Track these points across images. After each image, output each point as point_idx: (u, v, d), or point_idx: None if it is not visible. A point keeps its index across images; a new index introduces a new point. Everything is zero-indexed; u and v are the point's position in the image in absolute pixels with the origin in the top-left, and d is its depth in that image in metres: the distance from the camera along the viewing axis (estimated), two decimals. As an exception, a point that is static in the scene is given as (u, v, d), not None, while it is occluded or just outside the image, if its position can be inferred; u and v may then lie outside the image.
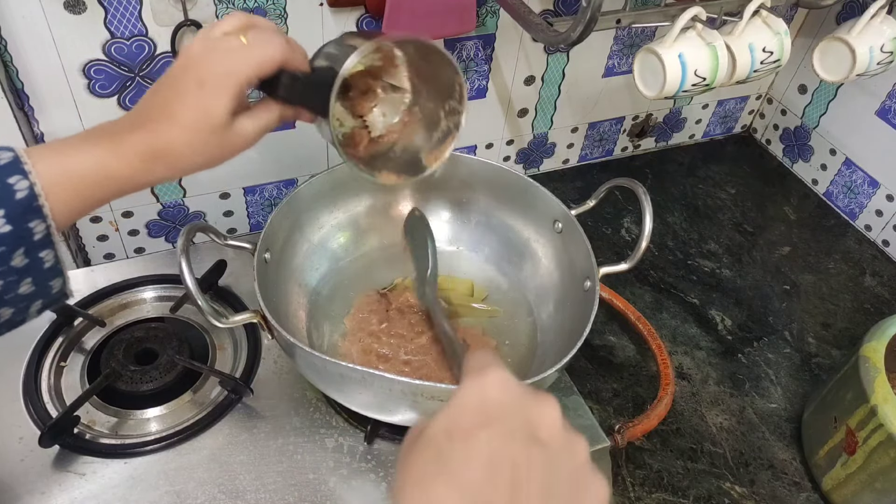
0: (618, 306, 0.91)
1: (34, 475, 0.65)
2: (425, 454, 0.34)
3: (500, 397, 0.35)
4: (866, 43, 0.86)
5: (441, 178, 0.83)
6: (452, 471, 0.33)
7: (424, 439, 0.35)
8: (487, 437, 0.33)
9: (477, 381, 0.36)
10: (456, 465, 0.33)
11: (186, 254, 0.56)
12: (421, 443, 0.35)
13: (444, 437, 0.34)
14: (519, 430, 0.34)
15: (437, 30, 0.81)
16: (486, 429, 0.34)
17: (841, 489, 0.74)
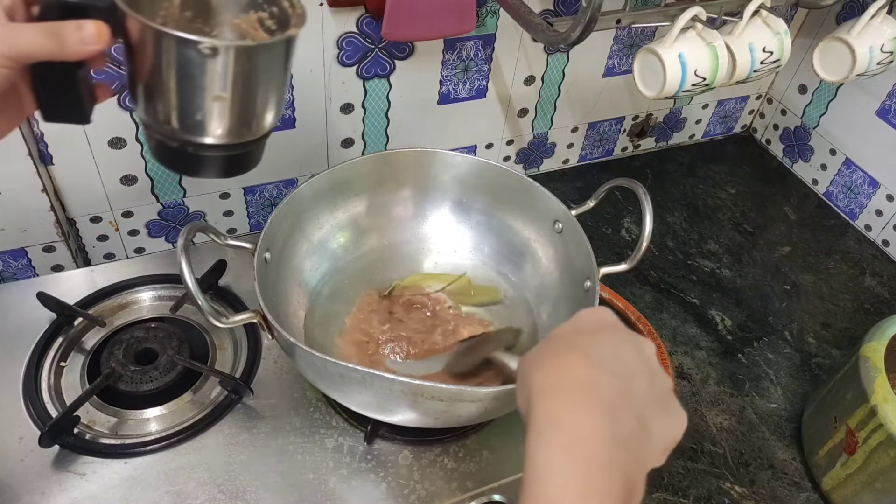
0: (618, 306, 0.91)
1: (34, 475, 0.65)
2: (553, 342, 0.42)
3: (613, 318, 0.44)
4: (866, 43, 0.86)
5: (441, 178, 0.83)
6: (582, 347, 0.40)
7: (551, 337, 0.43)
8: (608, 336, 0.42)
9: (594, 309, 0.45)
10: (584, 345, 0.41)
11: (186, 254, 0.56)
12: (547, 339, 0.42)
13: (573, 333, 0.42)
14: (630, 341, 0.42)
15: (437, 30, 0.81)
16: (606, 331, 0.42)
17: (841, 489, 0.74)
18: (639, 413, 0.39)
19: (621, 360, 0.40)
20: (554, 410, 0.37)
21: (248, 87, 0.46)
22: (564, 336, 0.42)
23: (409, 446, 0.71)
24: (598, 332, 0.42)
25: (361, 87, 0.89)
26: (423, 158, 0.81)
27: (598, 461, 0.35)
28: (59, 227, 0.84)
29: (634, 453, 0.38)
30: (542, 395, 0.38)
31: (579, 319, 0.44)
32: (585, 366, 0.39)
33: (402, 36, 0.81)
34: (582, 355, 0.39)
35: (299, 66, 0.82)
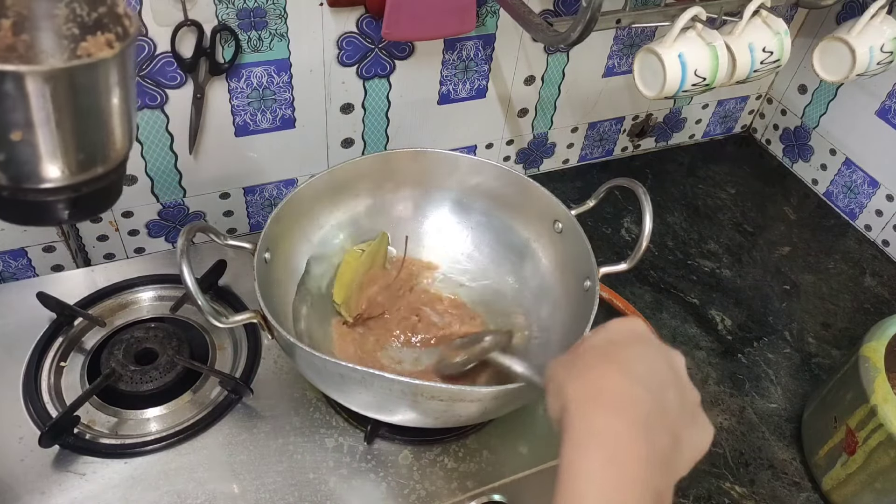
0: (618, 306, 0.91)
1: (34, 475, 0.65)
2: (589, 353, 0.42)
3: (646, 331, 0.45)
4: (866, 43, 0.86)
5: (441, 178, 0.83)
6: (618, 360, 0.41)
7: (585, 347, 0.43)
8: (641, 350, 0.42)
9: (627, 318, 0.46)
10: (620, 358, 0.41)
11: (186, 254, 0.56)
12: (582, 350, 0.43)
13: (606, 344, 0.43)
14: (662, 354, 0.43)
15: (437, 30, 0.81)
16: (639, 345, 0.43)
17: (841, 489, 0.74)
18: (671, 429, 0.39)
19: (655, 374, 0.41)
20: (594, 423, 0.38)
21: (64, 117, 0.40)
22: (599, 347, 0.42)
23: (409, 446, 0.71)
24: (633, 344, 0.43)
25: (361, 87, 0.89)
26: (423, 158, 0.81)
27: (635, 479, 0.36)
28: (59, 227, 0.84)
29: (665, 468, 0.38)
30: (581, 407, 0.39)
31: (612, 331, 0.44)
32: (623, 380, 0.39)
33: (402, 36, 0.81)
34: (619, 369, 0.40)
35: (299, 66, 0.83)
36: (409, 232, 0.85)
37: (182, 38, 0.75)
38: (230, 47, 0.77)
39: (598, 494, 0.36)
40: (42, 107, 0.39)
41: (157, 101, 0.79)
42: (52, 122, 0.40)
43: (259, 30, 0.78)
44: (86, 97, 0.41)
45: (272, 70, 0.82)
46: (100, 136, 0.43)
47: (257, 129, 0.87)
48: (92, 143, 0.43)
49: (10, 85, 0.38)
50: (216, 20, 0.75)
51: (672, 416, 0.40)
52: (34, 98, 0.39)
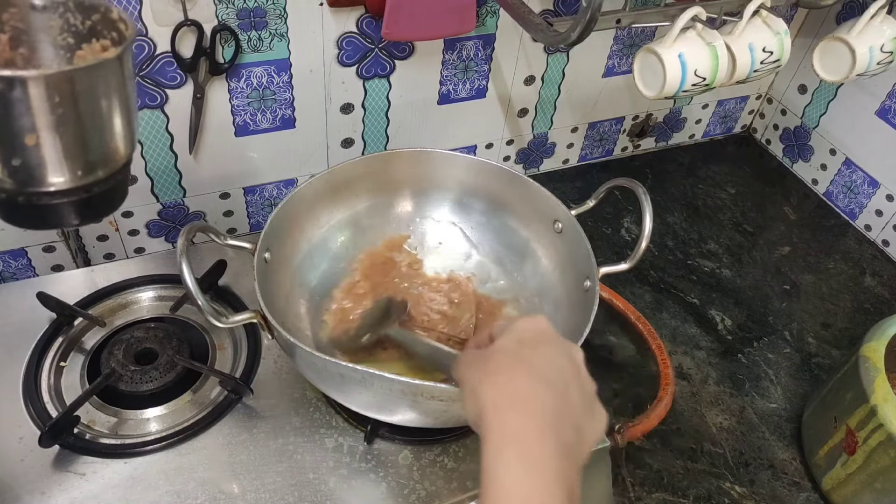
0: (618, 306, 0.91)
1: (34, 475, 0.65)
2: (500, 355, 0.45)
3: (550, 329, 0.48)
4: (866, 43, 0.86)
5: (441, 178, 0.83)
6: (529, 363, 0.44)
7: (495, 348, 0.46)
8: (547, 349, 0.46)
9: (530, 318, 0.49)
10: (528, 360, 0.44)
11: (186, 254, 0.56)
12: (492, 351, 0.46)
13: (515, 345, 0.46)
14: (564, 351, 0.46)
15: (438, 30, 0.81)
16: (545, 344, 0.46)
17: (841, 489, 0.74)
18: (575, 422, 0.43)
19: (559, 372, 0.44)
20: (509, 428, 0.41)
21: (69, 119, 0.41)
22: (508, 349, 0.46)
23: (409, 446, 0.71)
24: (539, 344, 0.46)
25: (361, 87, 0.89)
26: (423, 158, 0.81)
27: (551, 472, 0.39)
28: (60, 227, 0.84)
29: (573, 459, 0.42)
30: (497, 411, 0.42)
31: (520, 330, 0.47)
32: (532, 382, 0.43)
33: (402, 36, 0.81)
34: (528, 371, 0.43)
35: (299, 66, 0.83)
36: (409, 232, 0.85)
37: (182, 38, 0.75)
38: (230, 47, 0.77)
39: (521, 490, 0.39)
40: (47, 111, 0.40)
41: (157, 101, 0.79)
42: (57, 126, 0.40)
43: (259, 30, 0.78)
44: (88, 100, 0.42)
45: (272, 70, 0.82)
46: (105, 137, 0.44)
47: (257, 129, 0.87)
48: (97, 145, 0.43)
49: (16, 91, 0.39)
50: (216, 20, 0.75)
51: (574, 409, 0.44)
52: (39, 102, 0.39)
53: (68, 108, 0.41)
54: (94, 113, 0.43)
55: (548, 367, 0.44)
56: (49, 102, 0.40)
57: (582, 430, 0.43)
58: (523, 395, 0.42)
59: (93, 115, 0.43)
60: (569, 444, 0.42)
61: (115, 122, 0.44)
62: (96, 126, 0.43)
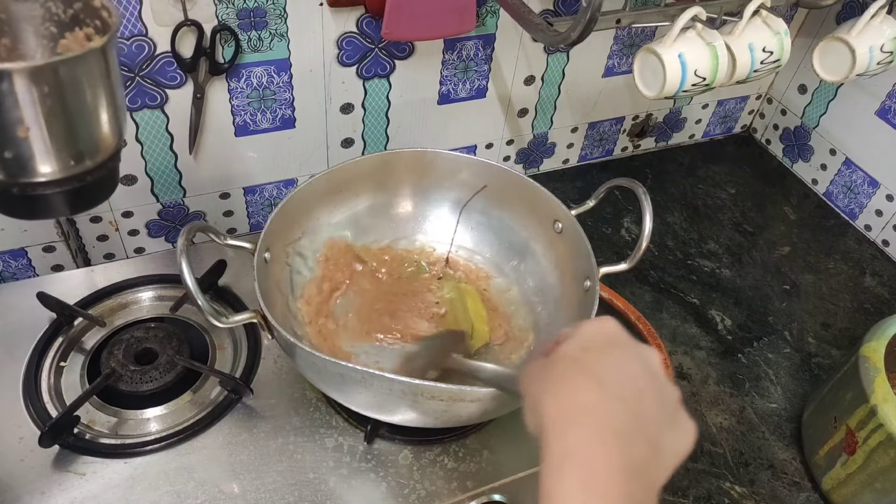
0: (618, 306, 0.91)
1: (34, 475, 0.65)
2: (562, 363, 0.41)
3: (619, 332, 0.44)
4: (866, 43, 0.86)
5: (441, 178, 0.83)
6: (590, 371, 0.40)
7: (558, 356, 0.42)
8: (616, 355, 0.41)
9: (599, 320, 0.45)
10: (593, 367, 0.40)
11: (186, 254, 0.56)
12: (554, 359, 0.42)
13: (579, 352, 0.42)
14: (637, 356, 0.42)
15: (437, 30, 0.81)
16: (613, 349, 0.42)
17: (841, 489, 0.74)
18: (650, 436, 0.39)
19: (629, 381, 0.40)
20: (569, 444, 0.37)
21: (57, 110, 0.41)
22: (571, 356, 0.41)
23: (409, 446, 0.71)
24: (606, 350, 0.42)
25: (361, 87, 0.89)
26: (423, 158, 0.81)
27: (616, 494, 0.36)
28: (59, 226, 0.84)
29: (646, 478, 0.38)
30: (557, 426, 0.38)
31: (585, 336, 0.43)
32: (597, 393, 0.38)
33: (402, 36, 0.81)
34: (593, 381, 0.39)
35: (299, 65, 0.83)
36: (409, 232, 0.85)
37: (182, 38, 0.75)
38: (230, 47, 0.77)
39: None
40: (36, 102, 0.40)
41: (157, 101, 0.79)
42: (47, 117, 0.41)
43: (259, 30, 0.78)
44: (76, 90, 0.42)
45: (272, 70, 0.82)
46: (94, 126, 0.44)
47: (257, 129, 0.87)
48: (88, 135, 0.44)
49: (4, 84, 0.39)
50: (216, 20, 0.75)
51: (649, 422, 0.39)
52: (28, 94, 0.40)
53: (57, 99, 0.41)
54: (82, 102, 0.43)
55: (616, 375, 0.40)
56: (38, 94, 0.40)
57: (659, 445, 0.39)
58: (587, 408, 0.38)
59: (81, 104, 0.43)
60: (641, 462, 0.37)
61: (104, 110, 0.44)
62: (85, 115, 0.43)
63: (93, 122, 0.44)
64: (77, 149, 0.44)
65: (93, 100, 0.44)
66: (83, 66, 0.43)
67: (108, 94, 0.45)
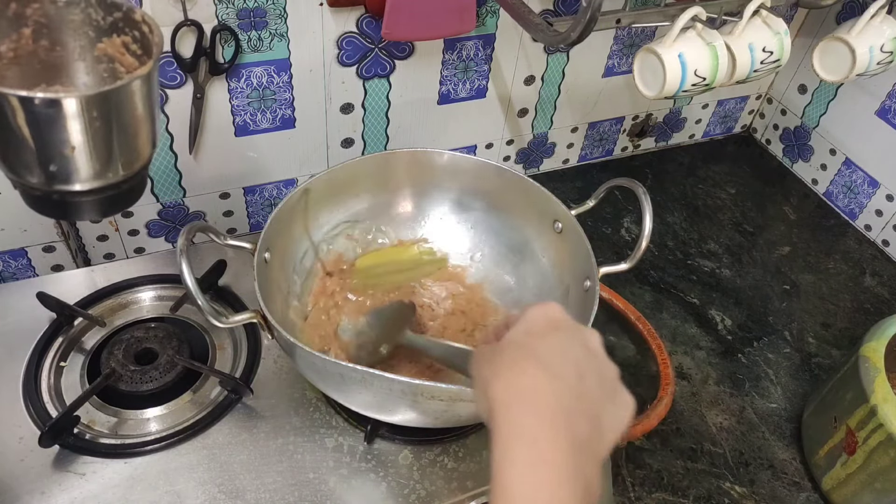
0: (618, 306, 0.91)
1: (34, 475, 0.65)
2: (509, 348, 0.43)
3: (561, 315, 0.46)
4: (866, 43, 0.86)
5: (441, 178, 0.83)
6: (536, 356, 0.42)
7: (505, 342, 0.44)
8: (558, 338, 0.43)
9: (542, 305, 0.46)
10: (537, 351, 0.42)
11: (186, 254, 0.56)
12: (502, 344, 0.44)
13: (524, 337, 0.44)
14: (577, 338, 0.44)
15: (437, 30, 0.81)
16: (555, 332, 0.44)
17: (841, 489, 0.74)
18: (592, 413, 0.41)
19: (572, 361, 0.42)
20: (518, 424, 0.39)
21: (103, 131, 0.44)
22: (517, 341, 0.44)
23: (409, 446, 0.71)
24: (549, 333, 0.44)
25: (361, 87, 0.89)
26: (423, 158, 0.81)
27: (562, 470, 0.38)
28: (59, 227, 0.84)
29: (590, 453, 0.40)
30: (504, 409, 0.40)
31: (530, 320, 0.45)
32: (542, 375, 0.40)
33: (402, 36, 0.81)
34: (538, 364, 0.41)
35: (299, 65, 0.83)
36: (409, 232, 0.85)
37: (182, 38, 0.75)
38: (230, 47, 0.77)
39: (529, 491, 0.37)
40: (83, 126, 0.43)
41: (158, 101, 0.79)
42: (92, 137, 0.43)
43: (259, 30, 0.78)
44: (120, 113, 0.44)
45: (272, 70, 0.82)
46: (133, 141, 0.46)
47: (257, 129, 0.87)
48: (126, 149, 0.46)
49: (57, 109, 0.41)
50: (216, 20, 0.75)
51: (591, 399, 0.41)
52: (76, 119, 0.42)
53: (103, 122, 0.43)
54: (126, 123, 0.45)
55: (557, 356, 0.42)
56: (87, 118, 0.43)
57: (601, 421, 0.41)
58: (531, 390, 0.40)
59: (125, 124, 0.45)
60: (584, 438, 0.40)
61: (144, 126, 0.47)
62: (128, 133, 0.46)
63: (133, 137, 0.46)
64: (117, 162, 0.46)
65: (135, 119, 0.46)
66: (129, 92, 0.45)
67: (148, 112, 0.47)
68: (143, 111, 0.46)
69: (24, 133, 0.42)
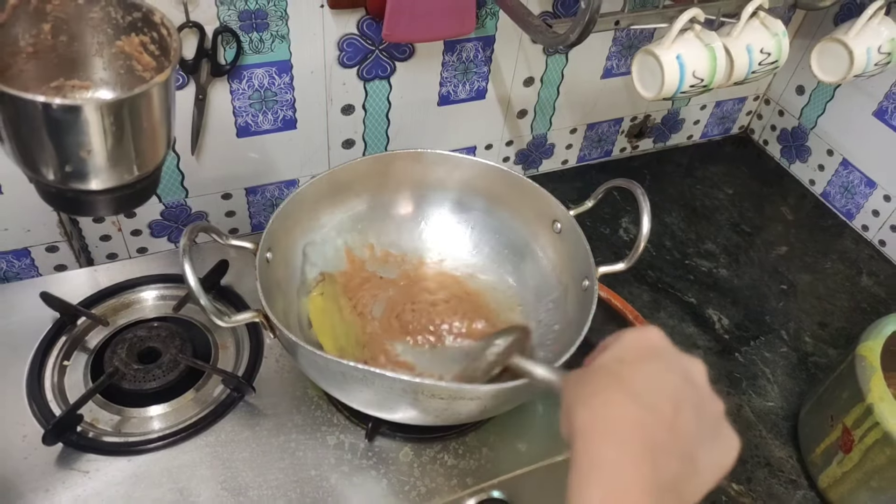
0: (616, 306, 0.91)
1: (38, 473, 0.65)
2: (598, 375, 0.40)
3: (661, 342, 0.42)
4: (864, 44, 0.87)
5: (441, 179, 0.83)
6: (625, 384, 0.39)
7: (595, 367, 0.41)
8: (654, 366, 0.40)
9: (640, 329, 0.43)
10: (628, 380, 0.39)
11: (189, 254, 0.57)
12: (592, 369, 0.41)
13: (616, 364, 0.41)
14: (676, 369, 0.41)
15: (437, 31, 0.82)
16: (651, 361, 0.40)
17: (837, 487, 0.75)
18: (685, 451, 0.38)
19: (667, 394, 0.39)
20: (597, 455, 0.36)
21: (120, 135, 0.44)
22: (608, 367, 0.41)
23: (410, 443, 0.71)
24: (644, 361, 0.41)
25: (362, 89, 0.89)
26: (423, 159, 0.82)
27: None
28: (62, 227, 0.84)
29: (679, 494, 0.37)
30: (585, 438, 0.37)
31: (624, 346, 0.42)
32: (630, 406, 0.38)
33: (403, 37, 0.81)
34: (626, 393, 0.38)
35: (300, 67, 0.83)
36: (410, 232, 0.86)
37: (184, 40, 0.75)
38: (232, 49, 0.78)
39: None
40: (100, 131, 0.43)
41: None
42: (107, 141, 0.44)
43: (260, 31, 0.78)
44: (136, 118, 0.45)
45: (273, 71, 0.82)
46: (148, 144, 0.47)
47: (259, 130, 0.87)
48: (142, 151, 0.47)
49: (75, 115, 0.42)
50: (218, 22, 0.75)
51: (686, 436, 0.38)
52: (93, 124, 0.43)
53: (120, 127, 0.44)
54: (141, 127, 0.46)
55: (652, 387, 0.39)
56: (104, 124, 0.43)
57: (696, 460, 0.38)
58: (617, 420, 0.37)
59: (141, 129, 0.46)
60: (673, 477, 0.36)
61: (159, 129, 0.47)
62: (143, 137, 0.46)
63: (149, 140, 0.47)
64: (132, 163, 0.47)
65: (151, 123, 0.47)
66: (147, 98, 0.45)
67: (164, 116, 0.47)
68: (159, 116, 0.47)
69: (42, 135, 0.43)
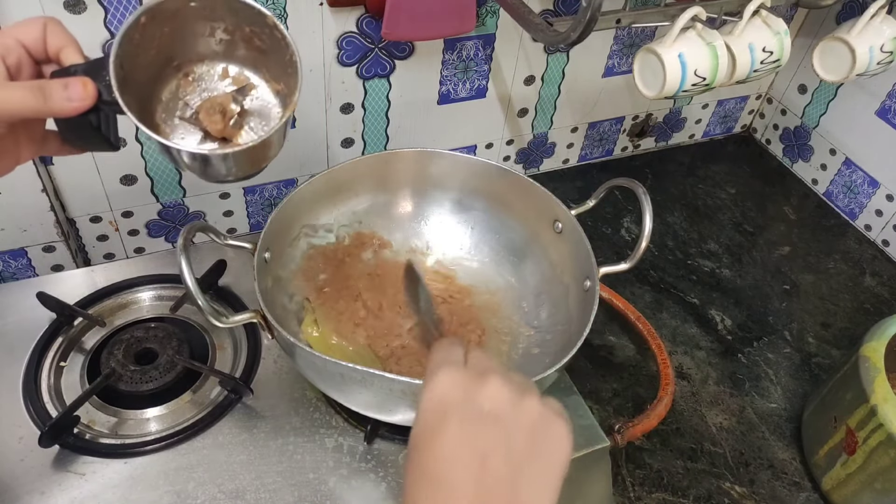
0: (618, 306, 0.91)
1: (34, 475, 0.65)
2: (412, 462, 0.39)
3: (447, 393, 0.40)
4: (866, 43, 0.86)
5: (441, 178, 0.83)
6: (426, 472, 0.38)
7: (409, 447, 0.40)
8: (448, 432, 0.38)
9: (428, 384, 0.41)
10: (428, 465, 0.38)
11: (186, 253, 0.56)
12: (409, 451, 0.40)
13: (419, 442, 0.39)
14: (470, 414, 0.39)
15: (437, 30, 0.81)
16: (444, 424, 0.39)
17: (841, 489, 0.74)
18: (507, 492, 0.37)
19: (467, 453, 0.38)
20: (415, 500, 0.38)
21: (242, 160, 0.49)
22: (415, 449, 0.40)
23: (409, 446, 0.71)
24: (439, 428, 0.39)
25: (361, 87, 0.89)
26: (423, 158, 0.81)
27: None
28: (59, 227, 0.84)
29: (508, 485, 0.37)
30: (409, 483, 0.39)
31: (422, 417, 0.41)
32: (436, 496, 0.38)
33: (402, 36, 0.81)
34: (430, 488, 0.38)
35: (299, 65, 0.82)
36: (410, 232, 0.85)
37: (182, 38, 0.75)
38: (230, 47, 0.77)
39: None
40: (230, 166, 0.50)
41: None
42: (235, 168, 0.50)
43: (259, 30, 0.77)
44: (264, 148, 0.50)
45: (272, 70, 0.82)
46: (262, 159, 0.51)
47: (257, 129, 0.87)
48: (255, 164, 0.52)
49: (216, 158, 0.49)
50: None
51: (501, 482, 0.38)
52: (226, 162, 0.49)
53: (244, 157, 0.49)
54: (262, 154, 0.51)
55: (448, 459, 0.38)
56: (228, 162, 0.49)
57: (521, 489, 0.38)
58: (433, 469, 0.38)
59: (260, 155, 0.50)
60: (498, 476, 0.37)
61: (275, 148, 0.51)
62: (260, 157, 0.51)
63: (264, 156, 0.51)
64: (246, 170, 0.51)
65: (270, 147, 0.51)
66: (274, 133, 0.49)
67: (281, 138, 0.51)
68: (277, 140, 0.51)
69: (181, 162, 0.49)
